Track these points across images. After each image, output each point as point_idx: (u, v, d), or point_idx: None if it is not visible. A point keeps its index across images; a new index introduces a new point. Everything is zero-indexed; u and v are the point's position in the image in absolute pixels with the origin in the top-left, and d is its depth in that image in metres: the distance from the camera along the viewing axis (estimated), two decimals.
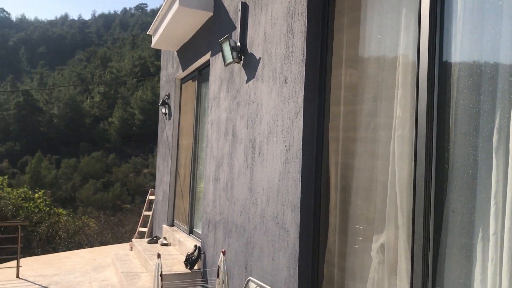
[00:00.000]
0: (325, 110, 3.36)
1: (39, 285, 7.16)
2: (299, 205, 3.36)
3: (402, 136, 2.61)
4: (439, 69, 2.40)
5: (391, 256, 2.67)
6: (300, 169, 3.37)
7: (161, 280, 4.33)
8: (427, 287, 2.35)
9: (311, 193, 3.39)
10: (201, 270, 5.63)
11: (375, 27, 2.93)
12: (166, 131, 8.51)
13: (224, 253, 4.50)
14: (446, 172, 2.33)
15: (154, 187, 9.89)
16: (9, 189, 16.97)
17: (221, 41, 4.84)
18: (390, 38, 2.78)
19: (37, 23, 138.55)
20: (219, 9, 5.72)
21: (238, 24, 4.88)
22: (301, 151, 3.38)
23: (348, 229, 3.06)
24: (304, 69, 3.40)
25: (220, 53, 5.25)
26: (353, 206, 3.01)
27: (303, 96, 3.39)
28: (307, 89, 3.40)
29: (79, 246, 15.69)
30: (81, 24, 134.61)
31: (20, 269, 7.83)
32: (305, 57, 3.40)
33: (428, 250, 2.35)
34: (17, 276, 7.65)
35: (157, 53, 59.63)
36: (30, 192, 18.97)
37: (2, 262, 9.55)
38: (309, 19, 3.41)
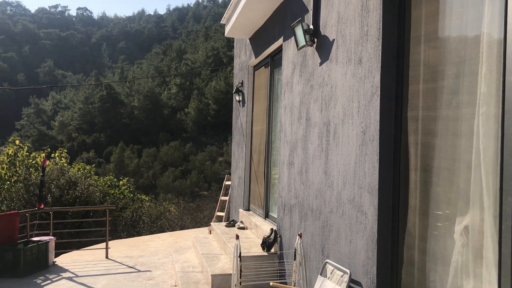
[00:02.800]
0: (403, 89, 3.26)
1: (126, 265, 7.65)
2: (377, 187, 3.31)
3: (487, 113, 2.48)
4: None
5: (476, 239, 2.55)
6: (378, 150, 3.30)
7: (240, 261, 4.46)
8: None
9: (390, 174, 3.32)
10: (278, 252, 5.72)
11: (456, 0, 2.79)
12: (240, 118, 8.67)
13: (300, 236, 4.54)
14: None
15: (229, 173, 10.14)
16: (96, 177, 18.16)
17: (293, 25, 4.84)
18: (473, 10, 2.64)
19: (117, 20, 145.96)
20: None
21: (310, 6, 4.84)
22: (378, 132, 3.31)
23: (429, 210, 2.97)
24: (381, 48, 3.31)
25: (293, 38, 5.25)
26: (434, 187, 2.91)
27: (379, 76, 3.31)
28: (384, 68, 3.31)
29: (161, 230, 16.47)
30: (157, 18, 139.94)
31: (109, 250, 8.40)
32: (381, 35, 3.31)
33: None
34: (106, 257, 8.22)
35: (229, 43, 60.61)
36: (115, 179, 20.19)
37: (92, 244, 10.29)
38: None
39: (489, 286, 2.45)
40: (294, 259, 4.57)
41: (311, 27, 4.69)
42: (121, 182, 20.13)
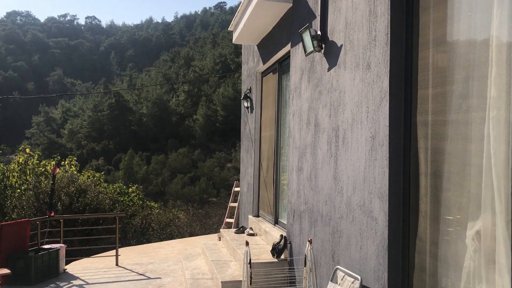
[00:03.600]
0: (412, 93, 3.25)
1: (136, 272, 7.66)
2: (387, 192, 3.29)
3: (498, 117, 2.47)
4: None
5: (488, 244, 2.53)
6: (387, 155, 3.29)
7: (250, 267, 4.45)
8: None
9: (400, 180, 3.30)
10: (288, 259, 5.70)
11: (464, 4, 2.78)
12: (248, 124, 8.68)
13: (310, 242, 4.53)
14: None
15: (238, 179, 10.14)
16: (105, 184, 18.24)
17: (301, 31, 4.85)
18: (482, 13, 2.63)
19: (125, 28, 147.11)
20: (298, 0, 5.72)
21: (318, 12, 4.86)
22: (387, 137, 3.30)
23: (440, 216, 2.95)
24: (389, 53, 3.31)
25: (300, 44, 5.26)
26: (445, 192, 2.89)
27: (388, 81, 3.31)
28: (393, 73, 3.31)
29: (170, 237, 16.49)
30: (165, 26, 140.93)
31: (119, 257, 8.42)
32: (389, 40, 3.31)
33: None
34: (117, 264, 8.25)
35: (237, 50, 60.83)
36: (124, 187, 20.27)
37: (102, 252, 10.33)
38: (392, 1, 3.31)
39: None
40: (305, 266, 4.55)
41: (319, 33, 4.70)
42: (130, 189, 20.19)
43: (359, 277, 3.60)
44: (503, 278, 2.41)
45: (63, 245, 7.75)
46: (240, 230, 7.81)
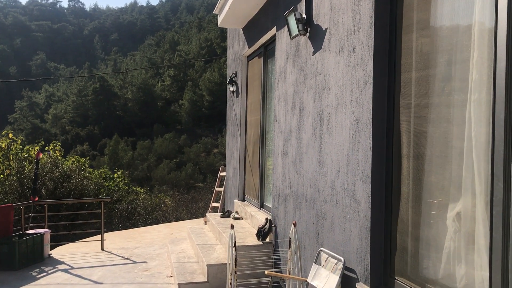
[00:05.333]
0: (395, 77, 3.27)
1: (122, 256, 7.67)
2: (370, 175, 3.33)
3: (479, 100, 2.50)
4: None
5: (468, 225, 2.58)
6: (371, 139, 3.32)
7: (235, 250, 4.48)
8: (508, 254, 2.26)
9: (383, 162, 3.34)
10: (273, 242, 5.75)
11: None
12: (234, 108, 8.66)
13: (295, 224, 4.57)
14: None
15: (224, 164, 10.14)
16: (90, 170, 18.13)
17: (286, 14, 4.82)
18: None
19: (109, 12, 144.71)
20: None
21: None
22: (371, 120, 3.32)
23: (421, 198, 2.99)
24: (373, 36, 3.31)
25: (286, 27, 5.23)
26: (427, 174, 2.93)
27: (372, 64, 3.32)
28: (376, 57, 3.32)
29: (157, 222, 16.49)
30: (150, 9, 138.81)
31: (104, 242, 8.41)
32: (373, 23, 3.31)
33: (509, 216, 2.25)
34: (102, 249, 8.24)
35: (223, 34, 60.33)
36: (109, 172, 20.16)
37: (88, 237, 10.30)
38: None
39: (480, 272, 2.48)
40: (289, 248, 4.60)
41: (304, 16, 4.68)
42: (115, 174, 20.09)
43: (342, 258, 3.65)
44: (481, 258, 2.47)
45: (47, 230, 7.70)
46: (226, 214, 7.84)
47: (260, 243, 5.71)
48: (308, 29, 4.64)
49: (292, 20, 4.73)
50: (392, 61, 3.30)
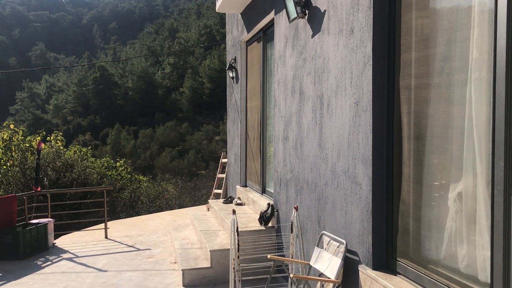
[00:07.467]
0: (395, 58, 3.24)
1: (126, 244, 7.71)
2: (370, 157, 3.31)
3: (479, 79, 2.47)
4: None
5: (470, 204, 2.57)
6: (371, 121, 3.30)
7: (238, 235, 4.49)
8: (509, 233, 2.26)
9: (383, 144, 3.32)
10: (275, 226, 5.77)
11: None
12: (234, 94, 8.62)
13: (296, 208, 4.57)
14: None
15: (226, 151, 10.14)
16: (93, 159, 18.13)
17: None
18: None
19: (107, 0, 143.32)
20: None
21: None
22: (371, 102, 3.30)
23: (422, 179, 2.98)
24: (372, 17, 3.27)
25: (284, 10, 5.18)
26: (428, 155, 2.91)
27: (371, 46, 3.28)
28: (375, 38, 3.28)
29: (160, 209, 16.54)
30: None
31: (108, 230, 8.45)
32: (372, 4, 3.27)
33: (510, 195, 2.24)
34: (106, 237, 8.28)
35: (222, 20, 59.91)
36: (112, 161, 20.15)
37: (91, 226, 10.35)
38: None
39: (482, 251, 2.48)
40: (291, 232, 4.61)
41: None
42: (118, 163, 20.10)
43: (344, 241, 3.65)
44: (483, 238, 2.46)
45: (51, 219, 7.74)
46: (228, 200, 7.85)
47: (263, 228, 5.73)
48: (307, 11, 4.59)
49: (290, 3, 4.68)
50: (391, 41, 3.26)
